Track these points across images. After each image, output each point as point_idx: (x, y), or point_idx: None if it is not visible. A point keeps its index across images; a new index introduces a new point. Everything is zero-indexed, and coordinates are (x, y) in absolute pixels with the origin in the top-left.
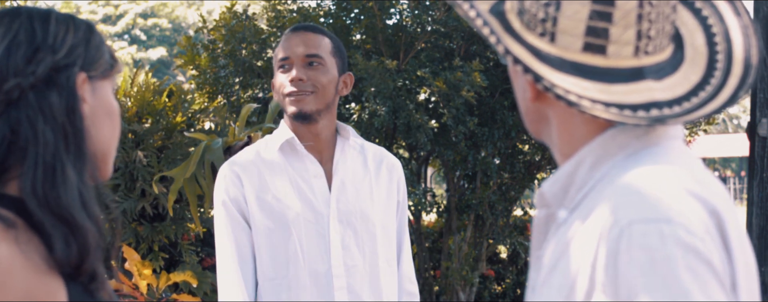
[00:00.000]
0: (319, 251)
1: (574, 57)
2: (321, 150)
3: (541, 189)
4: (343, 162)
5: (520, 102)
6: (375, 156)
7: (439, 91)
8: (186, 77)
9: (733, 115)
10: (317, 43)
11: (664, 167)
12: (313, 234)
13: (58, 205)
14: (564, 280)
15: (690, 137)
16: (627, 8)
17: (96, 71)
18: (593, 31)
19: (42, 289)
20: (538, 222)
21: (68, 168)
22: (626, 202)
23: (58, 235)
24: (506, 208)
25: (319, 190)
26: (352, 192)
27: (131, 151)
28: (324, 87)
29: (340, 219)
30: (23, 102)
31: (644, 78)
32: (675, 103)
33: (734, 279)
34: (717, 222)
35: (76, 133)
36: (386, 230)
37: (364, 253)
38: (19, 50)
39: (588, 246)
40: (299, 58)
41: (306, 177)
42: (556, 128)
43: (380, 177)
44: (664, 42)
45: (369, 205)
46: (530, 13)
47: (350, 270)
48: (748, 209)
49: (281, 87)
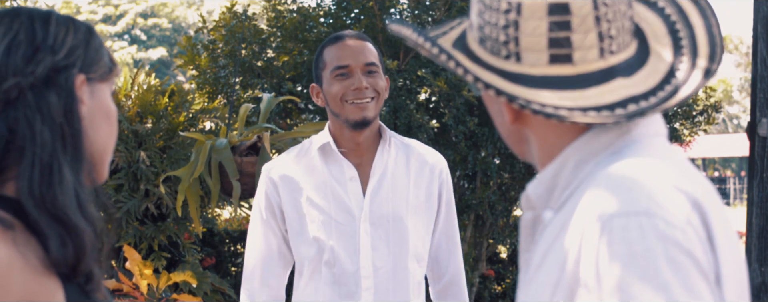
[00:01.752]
0: (349, 252)
1: (543, 71)
2: (362, 153)
3: (526, 191)
4: (382, 165)
5: (500, 127)
6: (419, 156)
7: (439, 90)
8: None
9: (733, 115)
10: (372, 51)
11: (646, 160)
12: (345, 235)
13: (54, 206)
14: (549, 277)
15: (690, 137)
16: (583, 13)
17: (95, 73)
18: (555, 42)
19: (40, 290)
20: (524, 225)
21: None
22: (607, 196)
23: (54, 236)
24: (506, 208)
25: (353, 193)
26: (387, 194)
27: (134, 151)
28: (382, 92)
29: (371, 221)
30: (22, 102)
31: (615, 77)
32: (650, 95)
33: (719, 271)
34: (700, 215)
35: (74, 134)
36: (419, 231)
37: (393, 254)
38: (19, 50)
39: (571, 242)
40: (360, 66)
41: (342, 180)
42: (536, 146)
43: (421, 178)
44: (626, 39)
45: (403, 207)
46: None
47: (378, 270)
48: (748, 209)
49: (342, 94)
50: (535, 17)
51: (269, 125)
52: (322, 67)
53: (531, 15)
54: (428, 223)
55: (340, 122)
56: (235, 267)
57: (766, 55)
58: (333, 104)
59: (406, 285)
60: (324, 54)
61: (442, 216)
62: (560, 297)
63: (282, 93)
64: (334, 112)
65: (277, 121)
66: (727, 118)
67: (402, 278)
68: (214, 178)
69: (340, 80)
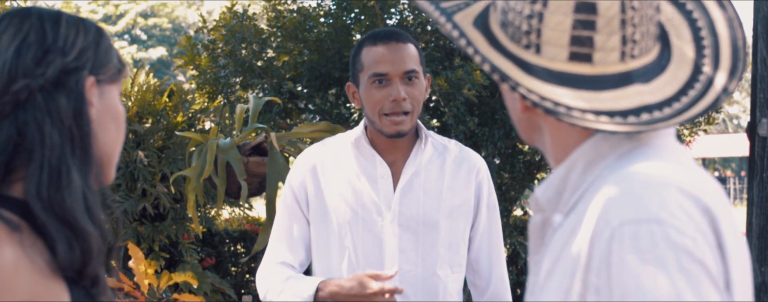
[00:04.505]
0: (374, 253)
1: (561, 67)
2: (397, 150)
3: (534, 194)
4: (415, 165)
5: (512, 112)
6: (456, 157)
7: (439, 90)
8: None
9: (733, 115)
10: (413, 55)
11: (655, 165)
12: (369, 235)
13: (62, 209)
14: (560, 284)
15: (690, 137)
16: (610, 15)
17: (104, 75)
18: (578, 41)
19: (46, 292)
20: (533, 227)
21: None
22: (617, 203)
23: (62, 239)
24: (506, 208)
25: (383, 192)
26: (419, 196)
27: (132, 151)
28: (420, 103)
29: (400, 222)
30: (31, 103)
31: (632, 82)
32: (665, 105)
33: (728, 277)
34: (710, 221)
35: (83, 137)
36: (453, 236)
37: (423, 259)
38: (30, 51)
39: (582, 249)
40: (399, 75)
41: (373, 177)
42: (549, 136)
43: (457, 179)
44: (649, 44)
45: (435, 210)
46: (514, 25)
47: (405, 275)
48: (748, 209)
49: (380, 105)
50: (561, 12)
51: (262, 125)
52: (359, 68)
53: (557, 9)
54: (465, 228)
55: (375, 128)
56: (235, 267)
57: (766, 55)
58: (370, 112)
59: (436, 292)
60: (362, 54)
61: (483, 221)
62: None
63: (282, 93)
64: (370, 119)
65: (277, 121)
66: (727, 118)
67: (431, 284)
68: (221, 178)
69: (377, 88)
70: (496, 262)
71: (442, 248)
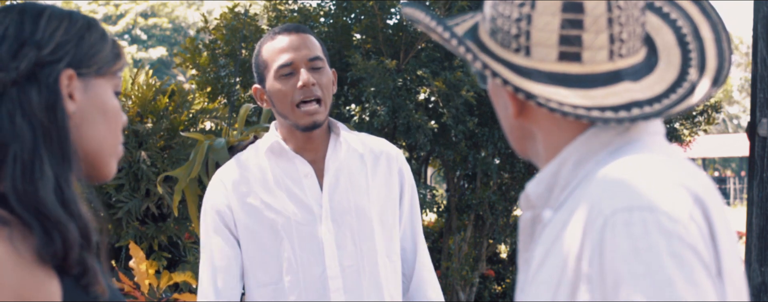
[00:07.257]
0: (313, 253)
1: (551, 67)
2: (315, 149)
3: (525, 190)
4: (336, 159)
5: (504, 121)
6: (373, 149)
7: (439, 90)
8: (186, 77)
9: (733, 115)
10: (316, 44)
11: (646, 157)
12: (306, 236)
13: (35, 201)
14: (550, 277)
15: (690, 137)
16: (597, 13)
17: (89, 69)
18: (566, 40)
19: (35, 284)
20: (523, 224)
21: (45, 165)
22: (609, 192)
23: (38, 229)
24: (506, 208)
25: (310, 190)
26: (346, 189)
27: (134, 151)
28: (330, 92)
29: (333, 218)
30: (5, 97)
31: (622, 80)
32: (655, 101)
33: (720, 265)
34: (702, 210)
35: (59, 131)
36: (385, 224)
37: (361, 251)
38: (5, 45)
39: (573, 240)
40: (304, 62)
41: (296, 177)
42: (542, 142)
43: (378, 169)
44: (636, 44)
45: (365, 200)
46: (503, 31)
47: (347, 270)
48: (748, 209)
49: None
50: (549, 13)
51: (267, 125)
52: (263, 66)
53: (544, 10)
54: (394, 215)
55: (288, 124)
56: None
57: (766, 55)
58: (281, 107)
59: (379, 282)
60: (262, 53)
61: (406, 207)
62: (562, 296)
63: None
64: (281, 114)
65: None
66: (727, 118)
67: (373, 275)
68: (210, 178)
69: (284, 80)
70: (420, 247)
71: (378, 238)
